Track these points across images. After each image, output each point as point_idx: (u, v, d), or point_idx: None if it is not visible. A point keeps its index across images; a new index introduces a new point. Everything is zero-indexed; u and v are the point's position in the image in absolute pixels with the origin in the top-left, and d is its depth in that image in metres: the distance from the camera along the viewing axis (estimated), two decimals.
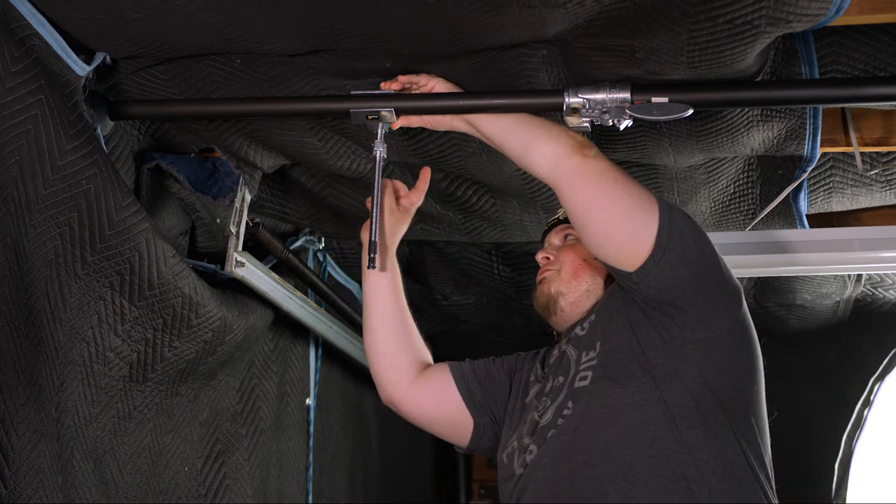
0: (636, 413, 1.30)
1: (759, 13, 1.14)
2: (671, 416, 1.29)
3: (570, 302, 1.54)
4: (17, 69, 1.26)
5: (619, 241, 1.34)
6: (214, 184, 1.75)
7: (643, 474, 1.26)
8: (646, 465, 1.26)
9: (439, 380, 1.62)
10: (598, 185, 1.34)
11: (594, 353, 1.40)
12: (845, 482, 2.82)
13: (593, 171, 1.35)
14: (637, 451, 1.28)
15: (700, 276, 1.34)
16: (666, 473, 1.25)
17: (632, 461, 1.27)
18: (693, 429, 1.28)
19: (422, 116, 1.49)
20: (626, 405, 1.31)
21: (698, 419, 1.29)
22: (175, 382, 1.66)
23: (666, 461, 1.26)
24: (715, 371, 1.32)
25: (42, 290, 1.33)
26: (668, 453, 1.27)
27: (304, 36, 1.34)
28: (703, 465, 1.26)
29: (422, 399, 1.62)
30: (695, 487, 1.24)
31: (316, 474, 2.43)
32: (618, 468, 1.27)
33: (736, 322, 1.37)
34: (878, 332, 2.70)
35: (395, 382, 1.62)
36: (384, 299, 1.63)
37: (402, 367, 1.62)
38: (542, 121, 1.44)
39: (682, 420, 1.29)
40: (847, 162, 1.80)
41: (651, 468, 1.26)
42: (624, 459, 1.27)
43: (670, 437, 1.28)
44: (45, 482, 1.28)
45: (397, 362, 1.62)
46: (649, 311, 1.36)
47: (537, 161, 1.40)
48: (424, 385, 1.61)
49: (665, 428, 1.28)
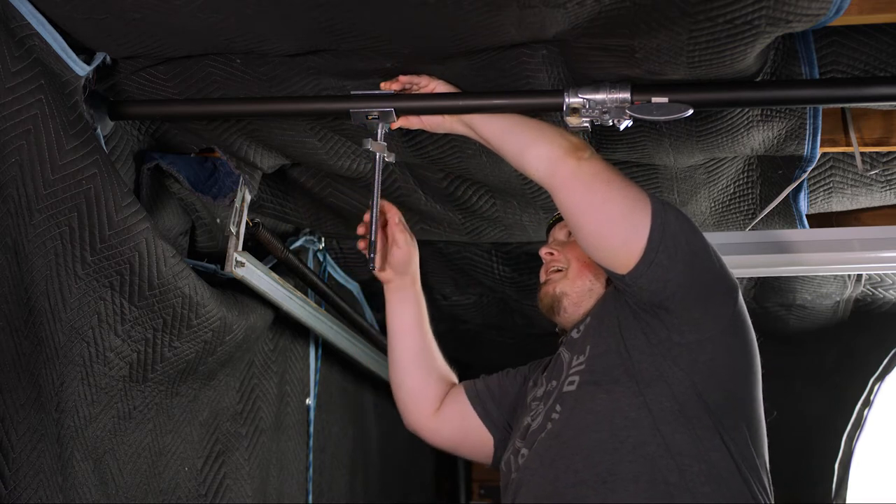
0: (619, 418, 1.30)
1: (759, 13, 1.14)
2: (654, 420, 1.29)
3: (574, 302, 1.55)
4: (17, 69, 1.26)
5: (612, 244, 1.34)
6: (214, 184, 1.75)
7: (623, 479, 1.26)
8: (627, 470, 1.26)
9: (456, 404, 1.65)
10: (591, 187, 1.34)
11: (583, 358, 1.40)
12: (845, 482, 2.82)
13: (587, 173, 1.35)
14: (618, 456, 1.28)
15: (691, 279, 1.33)
16: (646, 478, 1.25)
17: (613, 466, 1.27)
18: (677, 433, 1.28)
19: (421, 118, 1.49)
20: (609, 410, 1.31)
21: (683, 423, 1.28)
22: (175, 382, 1.66)
23: (648, 466, 1.26)
24: (703, 374, 1.31)
25: (42, 290, 1.33)
26: (650, 458, 1.27)
27: (304, 36, 1.34)
28: (686, 470, 1.26)
29: (443, 427, 1.66)
30: (677, 492, 1.24)
31: (316, 474, 2.43)
32: (598, 473, 1.27)
33: (729, 322, 1.36)
34: (878, 332, 2.70)
35: (419, 413, 1.66)
36: (410, 334, 1.65)
37: (428, 398, 1.65)
38: (538, 122, 1.44)
39: (666, 424, 1.28)
40: (847, 162, 1.79)
41: (632, 473, 1.26)
42: (605, 465, 1.28)
43: (653, 442, 1.27)
44: (45, 482, 1.28)
45: (423, 395, 1.65)
46: (640, 313, 1.35)
47: (532, 163, 1.40)
48: (444, 413, 1.65)
49: (648, 433, 1.28)
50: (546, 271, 1.61)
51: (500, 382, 1.66)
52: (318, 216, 2.12)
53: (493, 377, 1.68)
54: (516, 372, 1.67)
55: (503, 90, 1.45)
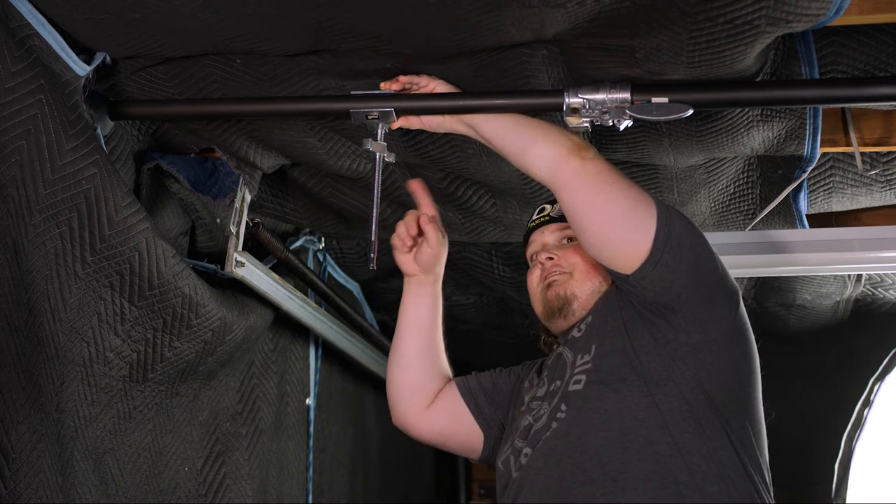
0: (628, 418, 1.30)
1: (759, 13, 1.14)
2: (664, 420, 1.28)
3: (582, 304, 1.51)
4: (17, 69, 1.26)
5: (617, 244, 1.33)
6: (214, 184, 1.75)
7: (633, 479, 1.26)
8: (636, 469, 1.26)
9: (448, 399, 1.63)
10: (595, 187, 1.34)
11: (589, 357, 1.40)
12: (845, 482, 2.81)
13: (591, 172, 1.35)
14: (627, 455, 1.27)
15: (696, 280, 1.33)
16: (656, 478, 1.25)
17: (622, 466, 1.27)
18: (686, 433, 1.28)
19: (421, 118, 1.49)
20: (618, 410, 1.31)
21: (692, 423, 1.28)
22: (175, 382, 1.66)
23: (657, 465, 1.26)
24: (709, 374, 1.31)
25: (42, 290, 1.33)
26: (659, 458, 1.26)
27: (304, 36, 1.34)
28: (695, 469, 1.26)
29: (432, 422, 1.63)
30: (686, 491, 1.24)
31: (316, 474, 2.43)
32: (607, 472, 1.27)
33: (732, 325, 1.36)
34: (878, 332, 2.70)
35: (410, 409, 1.64)
36: (421, 331, 1.63)
37: (423, 395, 1.63)
38: (540, 122, 1.44)
39: (675, 424, 1.28)
40: (847, 162, 1.79)
41: (641, 472, 1.26)
42: (614, 464, 1.27)
43: (662, 442, 1.27)
44: (45, 482, 1.28)
45: (420, 391, 1.63)
46: (645, 313, 1.35)
47: (535, 163, 1.40)
48: (434, 408, 1.63)
49: (657, 432, 1.28)
50: (544, 276, 1.56)
51: (493, 380, 1.65)
52: (318, 216, 2.12)
53: (486, 374, 1.66)
54: (509, 371, 1.66)
55: (503, 90, 1.45)
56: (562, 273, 1.54)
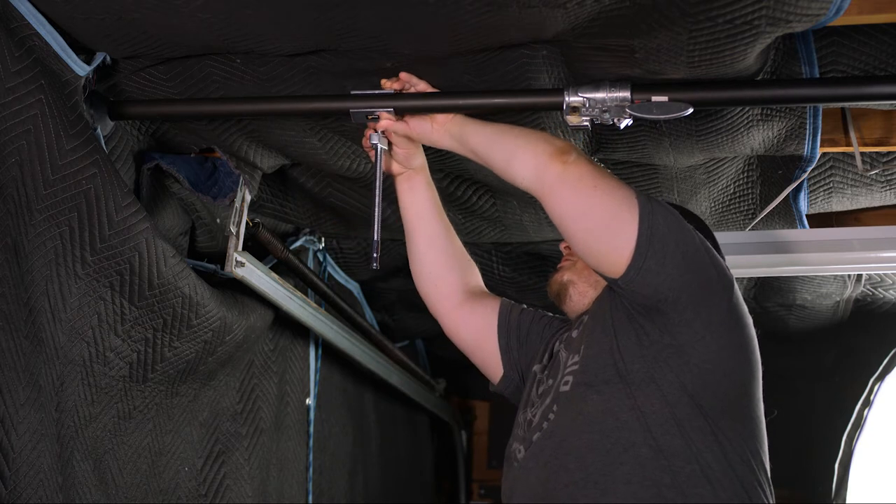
0: (610, 420, 1.30)
1: (759, 13, 1.14)
2: (646, 422, 1.28)
3: (579, 291, 1.55)
4: (17, 69, 1.26)
5: (601, 250, 1.34)
6: (214, 184, 1.75)
7: (614, 481, 1.26)
8: (618, 471, 1.26)
9: (484, 317, 1.64)
10: (577, 191, 1.34)
11: (578, 358, 1.40)
12: (845, 482, 2.82)
13: (572, 177, 1.34)
14: (609, 457, 1.27)
15: (683, 281, 1.31)
16: (638, 480, 1.25)
17: (604, 468, 1.27)
18: (668, 435, 1.27)
19: (409, 123, 1.49)
20: (600, 412, 1.31)
21: (674, 425, 1.28)
22: (175, 382, 1.66)
23: (639, 468, 1.26)
24: (694, 376, 1.30)
25: (42, 290, 1.33)
26: (641, 460, 1.26)
27: (304, 36, 1.34)
28: (678, 471, 1.25)
29: (462, 326, 1.65)
30: (669, 493, 1.24)
31: (316, 474, 2.43)
32: (589, 475, 1.27)
33: (723, 320, 1.34)
34: (878, 332, 2.70)
35: (440, 297, 1.65)
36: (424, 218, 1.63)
37: (447, 281, 1.64)
38: (523, 130, 1.44)
39: (657, 426, 1.28)
40: (847, 162, 1.80)
41: (623, 475, 1.26)
42: (596, 466, 1.28)
43: (644, 444, 1.27)
44: (45, 482, 1.28)
45: (442, 277, 1.64)
46: (634, 314, 1.35)
47: (519, 172, 1.40)
48: (469, 314, 1.64)
49: (639, 435, 1.28)
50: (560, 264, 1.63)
51: (529, 326, 1.64)
52: (318, 216, 2.12)
53: (529, 315, 1.66)
54: (549, 321, 1.66)
55: (503, 90, 1.45)
56: (569, 261, 1.60)
